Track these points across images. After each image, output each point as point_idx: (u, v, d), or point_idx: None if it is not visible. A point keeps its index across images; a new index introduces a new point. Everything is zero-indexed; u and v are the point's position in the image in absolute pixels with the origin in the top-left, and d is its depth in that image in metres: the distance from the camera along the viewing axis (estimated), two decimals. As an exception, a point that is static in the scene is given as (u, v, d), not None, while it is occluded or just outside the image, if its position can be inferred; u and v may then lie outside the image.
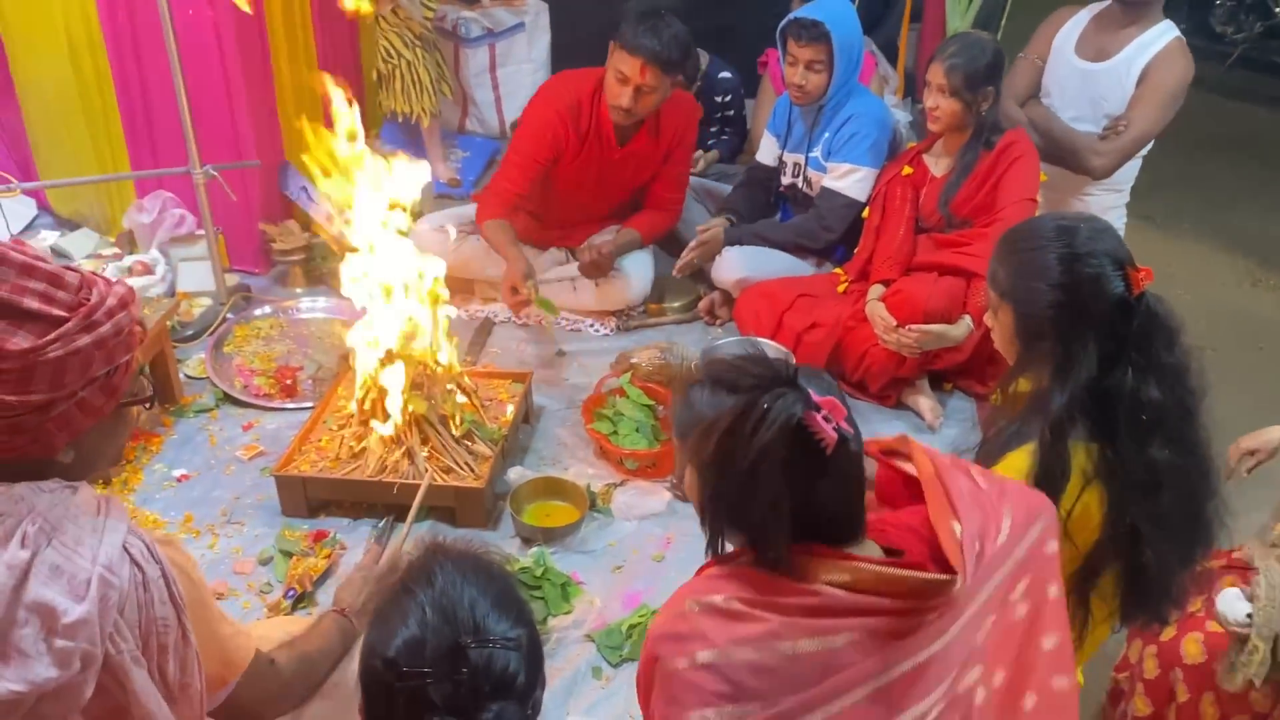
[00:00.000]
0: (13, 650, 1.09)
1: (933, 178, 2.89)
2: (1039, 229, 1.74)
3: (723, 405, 1.22)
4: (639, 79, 2.92)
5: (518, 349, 3.19)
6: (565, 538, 2.39)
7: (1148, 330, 1.62)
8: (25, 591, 1.10)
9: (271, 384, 2.95)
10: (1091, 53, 2.94)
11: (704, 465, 1.25)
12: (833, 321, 2.89)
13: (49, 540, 1.13)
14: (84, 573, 1.13)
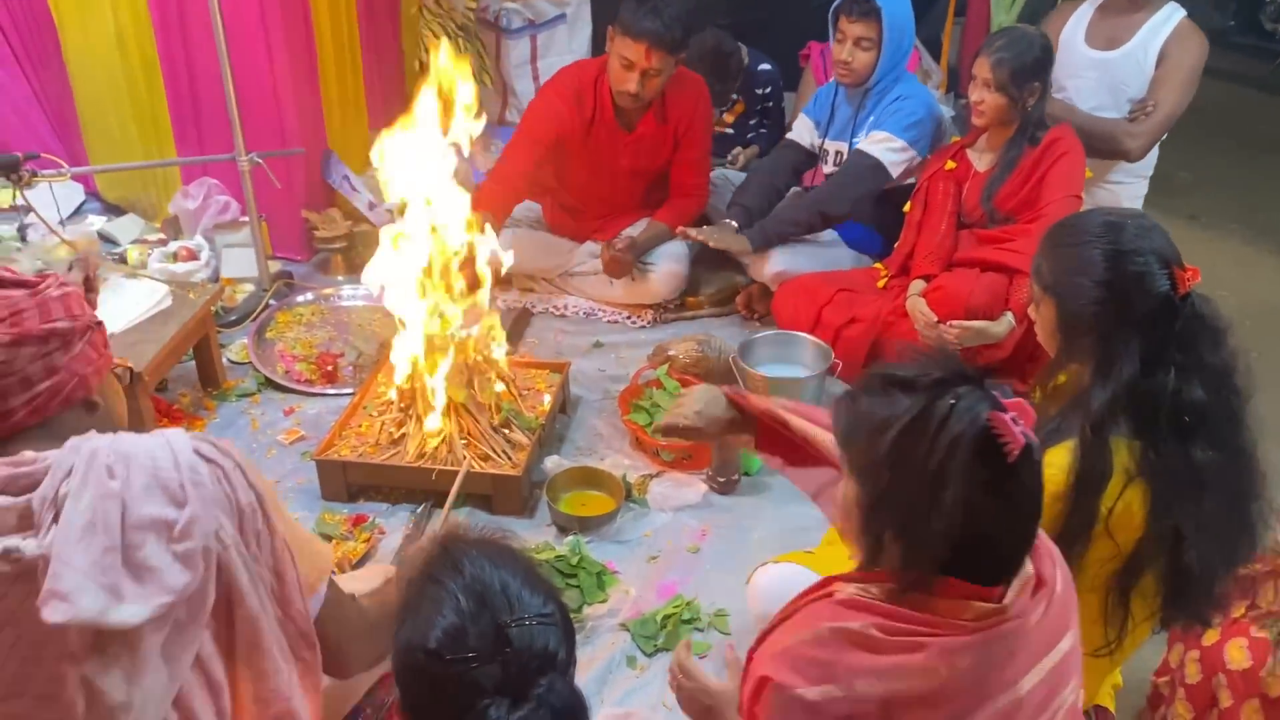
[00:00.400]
0: (143, 569, 1.15)
1: (976, 173, 2.86)
2: (1085, 224, 1.73)
3: (898, 405, 1.13)
4: (644, 63, 2.92)
5: (555, 339, 3.20)
6: (601, 527, 2.40)
7: (1192, 330, 1.60)
8: (130, 515, 1.16)
9: (313, 370, 2.98)
10: (1103, 42, 2.99)
11: (872, 468, 1.16)
12: (872, 316, 2.87)
13: (128, 466, 1.19)
14: (173, 481, 1.19)
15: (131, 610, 1.12)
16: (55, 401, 1.29)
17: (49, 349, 1.28)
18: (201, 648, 1.23)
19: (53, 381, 1.28)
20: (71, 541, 1.12)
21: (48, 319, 1.29)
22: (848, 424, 1.21)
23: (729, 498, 2.53)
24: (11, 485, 1.17)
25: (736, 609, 2.18)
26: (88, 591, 1.10)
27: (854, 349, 2.87)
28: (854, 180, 3.11)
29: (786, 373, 2.77)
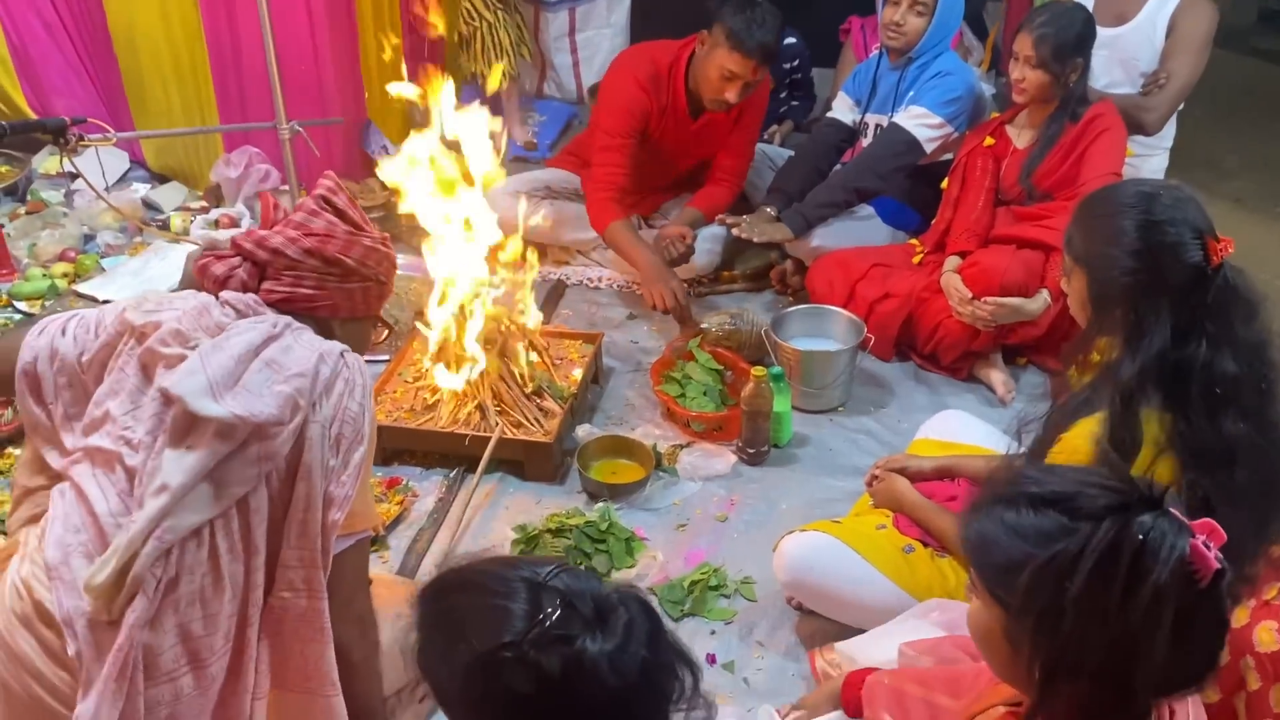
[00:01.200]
0: (242, 387, 1.35)
1: (1015, 150, 2.83)
2: (1119, 194, 1.72)
3: (1068, 536, 1.01)
4: (751, 77, 2.92)
5: (589, 311, 3.22)
6: (630, 495, 2.42)
7: (1225, 301, 1.59)
8: (264, 351, 1.39)
9: (349, 336, 3.02)
10: (1111, 18, 2.97)
11: (1051, 614, 1.01)
12: (906, 292, 2.86)
13: (293, 333, 1.44)
14: (307, 356, 1.41)
15: (213, 407, 1.31)
16: (304, 305, 1.50)
17: (329, 271, 1.50)
18: (257, 499, 1.37)
19: (314, 292, 1.50)
20: (215, 346, 1.37)
21: (346, 252, 1.50)
22: (995, 549, 1.07)
23: (758, 469, 2.54)
24: (239, 307, 1.46)
25: (763, 577, 2.19)
26: (196, 378, 1.33)
27: (887, 324, 2.87)
28: (888, 156, 3.09)
29: (818, 346, 2.77)
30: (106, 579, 1.26)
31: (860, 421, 2.72)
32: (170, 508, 1.29)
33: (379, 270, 1.56)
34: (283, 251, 1.48)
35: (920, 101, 3.06)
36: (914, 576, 1.96)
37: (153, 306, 1.45)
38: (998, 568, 1.07)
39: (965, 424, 2.37)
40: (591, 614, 0.99)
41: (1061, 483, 1.07)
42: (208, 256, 1.52)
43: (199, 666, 1.35)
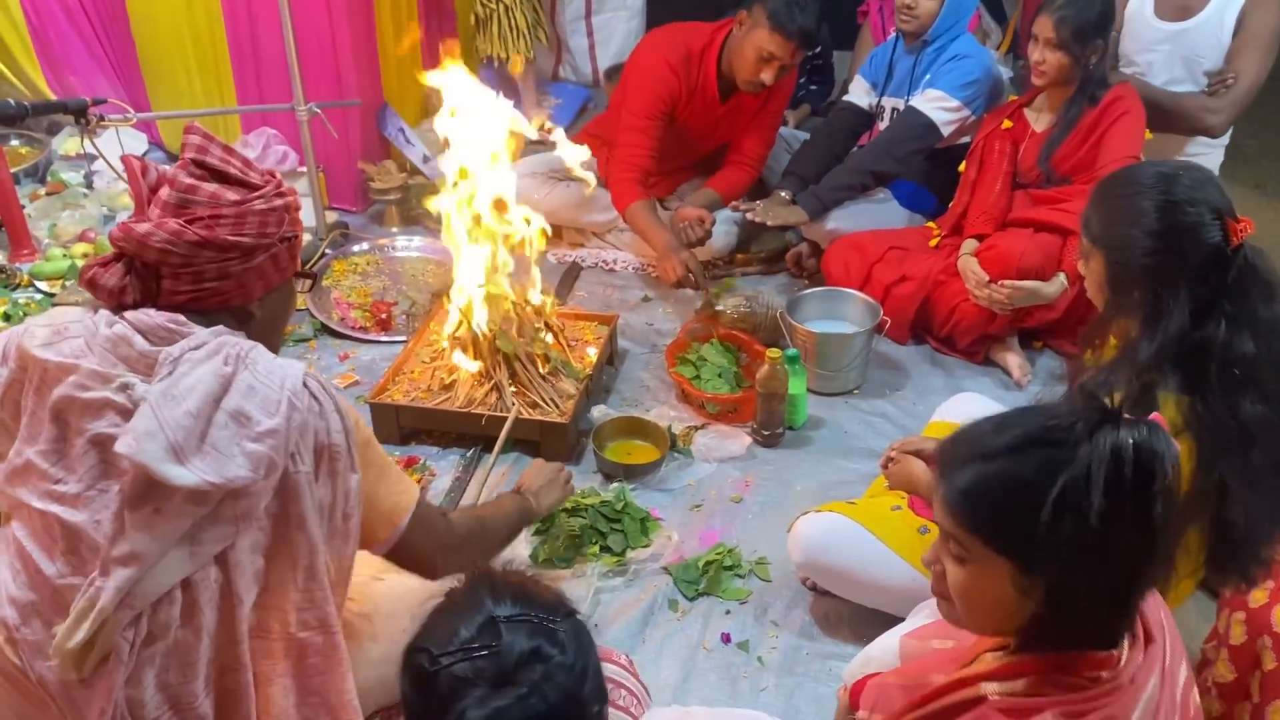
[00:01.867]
0: (210, 448, 1.25)
1: (1033, 133, 2.82)
2: (1138, 175, 1.72)
3: (1055, 466, 1.04)
4: (789, 60, 2.91)
5: (604, 293, 3.23)
6: (645, 475, 2.44)
7: (1244, 282, 1.59)
8: (226, 400, 1.28)
9: (367, 317, 3.05)
10: (1174, 12, 2.87)
11: (1070, 543, 1.04)
12: (923, 275, 2.86)
13: (246, 365, 1.32)
14: (274, 394, 1.31)
15: (181, 472, 1.22)
16: (215, 300, 1.40)
17: (228, 257, 1.38)
18: (236, 553, 1.30)
19: (220, 283, 1.39)
20: (167, 396, 1.25)
21: (239, 231, 1.38)
22: (1000, 508, 1.08)
23: (773, 450, 2.55)
24: (155, 335, 1.33)
25: (777, 557, 2.20)
26: (156, 440, 1.21)
27: (903, 307, 2.86)
28: (905, 139, 3.08)
29: (834, 329, 2.78)
30: (76, 646, 1.21)
31: (875, 404, 2.72)
32: (141, 575, 1.23)
33: (283, 228, 1.43)
34: (170, 250, 1.34)
35: (937, 85, 3.05)
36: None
37: (49, 337, 1.34)
38: (1003, 522, 1.07)
39: (981, 406, 2.36)
40: (495, 675, 1.00)
41: (1024, 425, 1.08)
42: (94, 267, 1.39)
43: (182, 710, 1.32)
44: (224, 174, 1.40)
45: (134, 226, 1.35)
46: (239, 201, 1.38)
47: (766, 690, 1.93)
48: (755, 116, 3.23)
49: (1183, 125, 2.88)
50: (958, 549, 1.12)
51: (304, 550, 1.35)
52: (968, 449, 1.12)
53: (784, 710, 1.89)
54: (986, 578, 1.10)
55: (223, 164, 1.40)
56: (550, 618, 1.06)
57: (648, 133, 3.04)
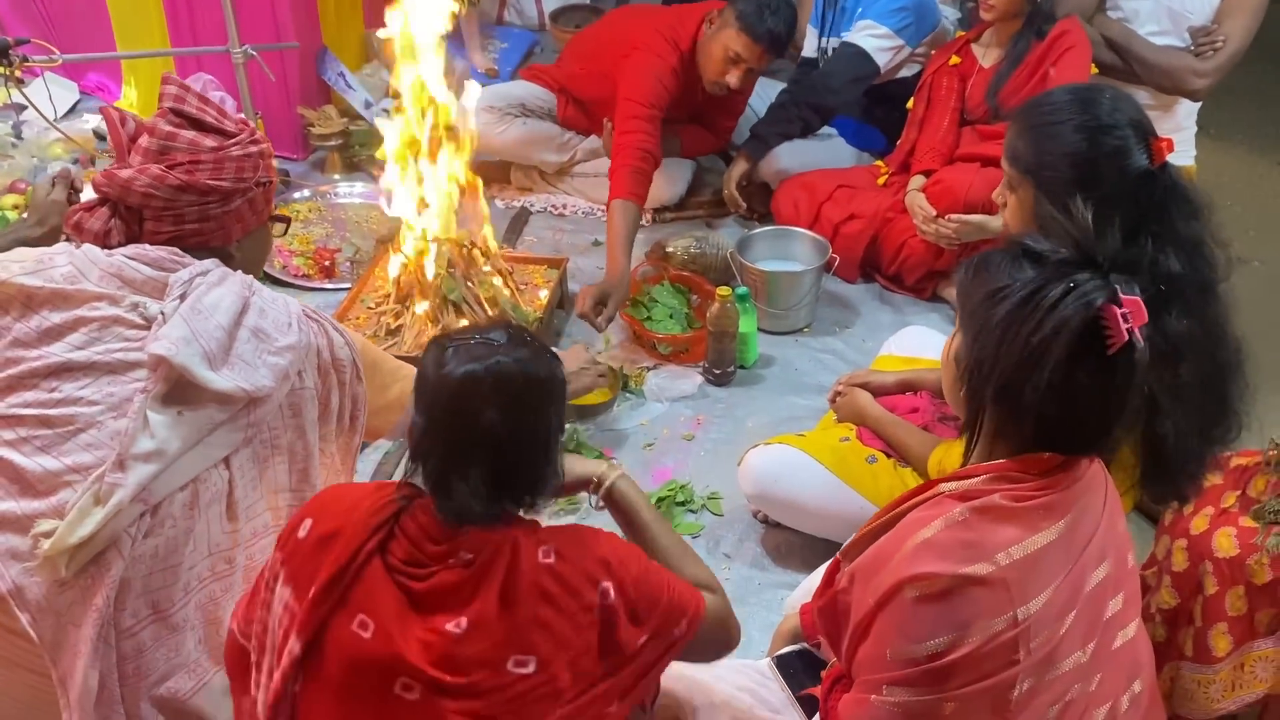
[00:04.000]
0: (237, 359, 1.35)
1: (981, 68, 2.80)
2: (1059, 101, 1.73)
3: (1021, 275, 1.15)
4: (755, 63, 2.87)
5: (554, 238, 3.19)
6: (598, 415, 2.43)
7: (1167, 201, 1.62)
8: (246, 318, 1.38)
9: (310, 265, 2.98)
10: None
11: (982, 331, 1.17)
12: (871, 213, 2.86)
13: (254, 291, 1.42)
14: (284, 317, 1.42)
15: (214, 377, 1.31)
16: (196, 240, 1.46)
17: (207, 200, 1.44)
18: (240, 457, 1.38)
19: (200, 225, 1.45)
20: (194, 310, 1.34)
21: (218, 176, 1.43)
22: (972, 281, 1.22)
23: (724, 389, 2.55)
24: (159, 263, 1.40)
25: (729, 492, 2.21)
26: (191, 345, 1.31)
27: (852, 245, 2.87)
28: (840, 70, 3.06)
29: (784, 268, 2.77)
30: (78, 541, 1.22)
31: (825, 342, 2.73)
32: (160, 472, 1.29)
33: (259, 173, 1.50)
34: (152, 194, 1.41)
35: (867, 14, 3.04)
36: (876, 485, 1.98)
37: (33, 266, 1.38)
38: (965, 292, 1.23)
39: (927, 339, 2.39)
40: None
41: (1044, 242, 1.20)
42: (78, 212, 1.46)
43: (162, 614, 1.34)
44: (201, 122, 1.46)
45: (117, 172, 1.43)
46: (216, 148, 1.44)
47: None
48: (726, 100, 3.17)
49: (1164, 83, 2.80)
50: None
51: (300, 455, 1.45)
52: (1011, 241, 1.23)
53: (738, 641, 1.91)
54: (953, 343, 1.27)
55: (199, 112, 1.46)
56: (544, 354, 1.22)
57: (653, 121, 2.87)
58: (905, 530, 1.19)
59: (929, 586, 1.12)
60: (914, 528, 1.17)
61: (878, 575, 1.17)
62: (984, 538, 1.13)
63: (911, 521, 1.20)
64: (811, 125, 3.11)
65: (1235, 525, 1.89)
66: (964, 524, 1.14)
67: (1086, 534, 1.19)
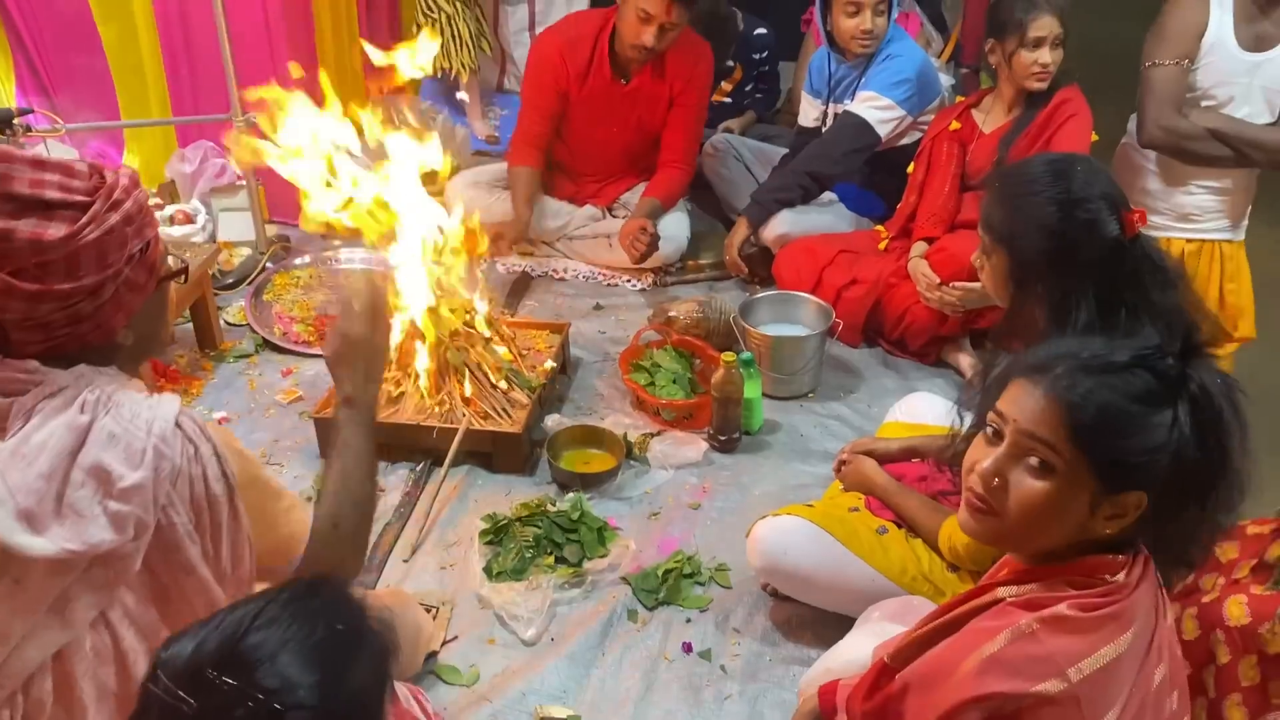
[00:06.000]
0: (69, 510, 1.11)
1: (981, 134, 2.82)
2: (1033, 172, 1.77)
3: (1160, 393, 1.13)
4: (665, 17, 2.90)
5: (554, 302, 3.19)
6: (602, 484, 2.39)
7: (1141, 272, 1.64)
8: (83, 454, 1.13)
9: (310, 331, 2.97)
10: (1251, 42, 2.72)
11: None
12: (873, 278, 2.86)
13: (107, 410, 1.17)
14: (139, 442, 1.16)
15: (37, 542, 1.09)
16: (74, 344, 1.23)
17: (72, 302, 1.19)
18: (118, 612, 1.19)
19: (74, 329, 1.21)
20: (16, 456, 1.11)
21: (74, 275, 1.17)
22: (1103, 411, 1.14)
23: (730, 456, 2.52)
24: (5, 386, 1.17)
25: (737, 564, 2.17)
26: (5, 508, 1.08)
27: (855, 310, 2.86)
28: (840, 140, 3.09)
29: (787, 332, 2.76)
30: None
31: (831, 407, 2.70)
32: (6, 654, 1.12)
33: (128, 248, 1.21)
34: (4, 306, 1.15)
35: (869, 86, 3.07)
36: (887, 558, 1.94)
37: None
38: (1110, 435, 1.11)
39: (932, 405, 2.37)
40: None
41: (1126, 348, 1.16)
42: None
43: None
44: (40, 200, 1.15)
45: None
46: (67, 238, 1.15)
47: (731, 699, 1.89)
48: (672, 109, 3.21)
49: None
50: (1047, 458, 1.12)
51: (198, 594, 1.23)
52: (1071, 360, 1.14)
53: (749, 718, 1.86)
54: (1067, 491, 1.12)
55: (34, 189, 1.15)
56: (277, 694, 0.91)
57: (538, 108, 3.21)
58: (968, 641, 1.15)
59: (999, 708, 1.08)
60: (977, 639, 1.13)
61: (938, 689, 1.13)
62: (1054, 652, 1.09)
63: (974, 632, 1.15)
64: (811, 193, 3.13)
65: (1246, 593, 1.86)
66: (1032, 637, 1.10)
67: (1148, 636, 1.15)
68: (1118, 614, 1.13)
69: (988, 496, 1.17)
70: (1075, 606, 1.12)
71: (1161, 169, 2.82)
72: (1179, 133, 2.74)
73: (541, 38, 3.26)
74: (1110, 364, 1.13)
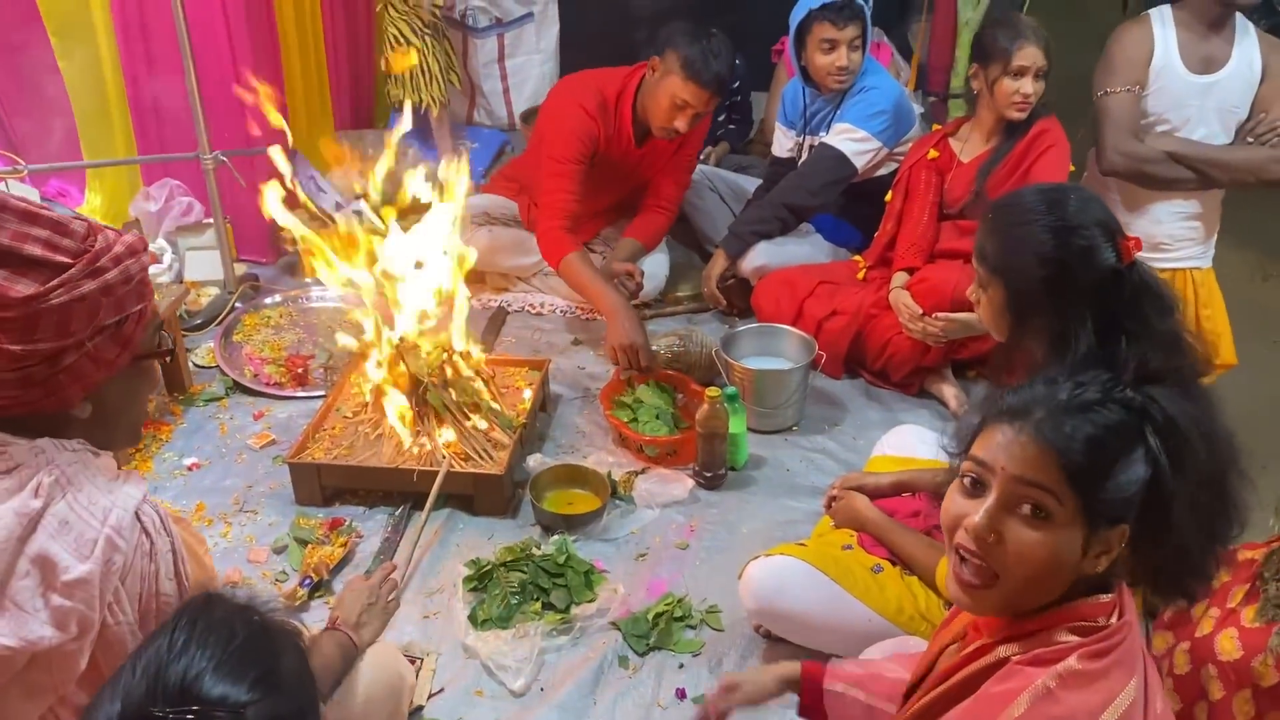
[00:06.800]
0: (9, 603, 1.04)
1: (960, 163, 2.82)
2: (1027, 202, 1.76)
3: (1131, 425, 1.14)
4: (702, 107, 2.87)
5: (532, 338, 3.14)
6: (587, 525, 2.34)
7: (1139, 298, 1.63)
8: (31, 542, 1.06)
9: (282, 372, 2.90)
10: (1200, 65, 2.76)
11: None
12: (854, 309, 2.84)
13: (63, 494, 1.10)
14: (92, 531, 1.09)
15: None
16: (21, 408, 1.14)
17: (24, 365, 1.10)
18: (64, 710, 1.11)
19: (22, 393, 1.12)
20: None
21: (29, 338, 1.08)
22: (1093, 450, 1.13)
23: (716, 493, 2.48)
24: None
25: (728, 605, 2.13)
26: None
27: (836, 341, 2.84)
28: (817, 172, 3.08)
29: (769, 365, 2.73)
30: None
31: (815, 440, 2.68)
32: None
33: (97, 319, 1.13)
34: None
35: (845, 118, 3.07)
36: (884, 596, 1.91)
37: None
38: (1100, 474, 1.10)
39: (920, 438, 2.34)
40: None
41: (1090, 384, 1.15)
42: None
43: None
44: (18, 254, 1.08)
45: None
46: (30, 298, 1.07)
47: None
48: (671, 159, 3.20)
49: (1246, 179, 2.79)
50: (1043, 503, 1.09)
51: None
52: (1049, 401, 1.13)
53: (747, 766, 1.81)
54: (1063, 535, 1.10)
55: (15, 242, 1.08)
56: (230, 705, 0.90)
57: (572, 177, 2.96)
58: (985, 709, 1.12)
59: None
60: (994, 706, 1.10)
61: None
62: (1075, 710, 1.07)
63: (989, 699, 1.12)
64: (789, 225, 3.12)
65: (1237, 626, 1.84)
66: (1050, 697, 1.08)
67: (1145, 670, 1.14)
68: (1122, 658, 1.12)
69: (985, 554, 1.13)
70: (1085, 657, 1.10)
71: (1124, 196, 2.83)
72: (1138, 157, 2.76)
73: (564, 103, 3.01)
74: (1086, 401, 1.12)
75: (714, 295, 3.11)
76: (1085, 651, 1.10)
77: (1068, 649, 1.11)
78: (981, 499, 1.14)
